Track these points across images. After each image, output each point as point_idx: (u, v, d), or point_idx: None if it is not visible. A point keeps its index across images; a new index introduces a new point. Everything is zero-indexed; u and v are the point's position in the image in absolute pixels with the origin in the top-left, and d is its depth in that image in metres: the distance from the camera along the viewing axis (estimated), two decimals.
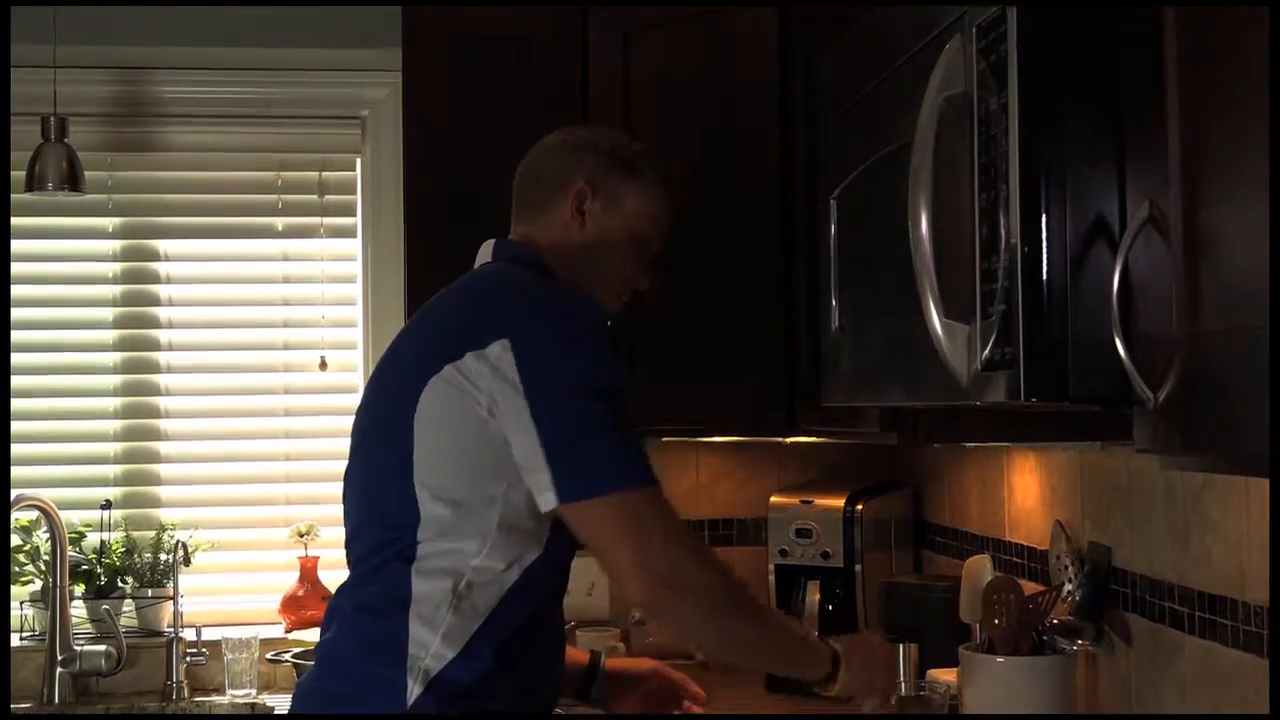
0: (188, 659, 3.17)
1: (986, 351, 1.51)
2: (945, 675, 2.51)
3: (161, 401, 3.40)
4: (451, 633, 1.85)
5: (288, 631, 3.26)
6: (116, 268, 3.40)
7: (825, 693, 2.03)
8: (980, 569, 2.54)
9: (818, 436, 2.86)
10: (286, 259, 3.44)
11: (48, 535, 3.17)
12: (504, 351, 1.82)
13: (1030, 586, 2.41)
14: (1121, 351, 1.34)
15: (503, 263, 2.06)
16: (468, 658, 1.85)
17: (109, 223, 3.40)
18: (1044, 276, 1.45)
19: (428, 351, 1.90)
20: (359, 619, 1.92)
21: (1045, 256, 1.45)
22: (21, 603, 3.24)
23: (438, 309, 2.00)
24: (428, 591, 1.85)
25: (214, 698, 3.16)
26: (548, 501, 1.82)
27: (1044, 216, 1.45)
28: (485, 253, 2.09)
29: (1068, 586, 2.32)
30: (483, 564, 1.86)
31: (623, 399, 1.86)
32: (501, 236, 2.11)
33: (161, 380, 3.40)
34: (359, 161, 3.43)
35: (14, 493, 3.07)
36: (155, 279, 3.41)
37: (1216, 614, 1.95)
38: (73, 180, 3.15)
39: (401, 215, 3.04)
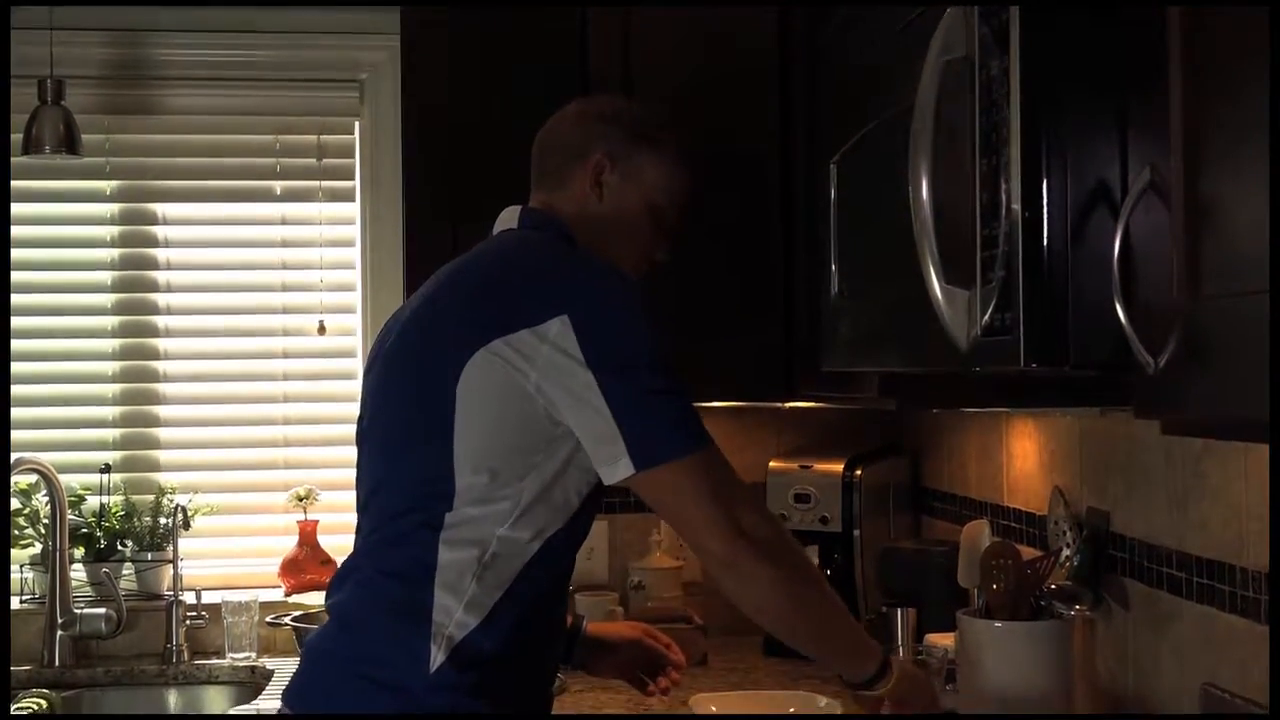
0: (187, 622, 3.18)
1: (986, 317, 1.50)
2: (943, 640, 2.52)
3: (160, 365, 3.40)
4: (474, 602, 1.85)
5: (287, 595, 3.27)
6: (114, 231, 3.39)
7: (869, 692, 1.99)
8: (978, 534, 2.54)
9: (817, 402, 2.86)
10: (285, 223, 3.43)
11: (47, 499, 3.17)
12: (564, 328, 1.82)
13: (1028, 551, 2.42)
14: (1122, 317, 1.33)
15: (533, 231, 2.05)
16: (489, 626, 1.85)
17: (106, 186, 3.38)
18: (1044, 242, 1.44)
19: (472, 321, 1.88)
20: (381, 582, 1.91)
21: (1046, 222, 1.44)
22: (21, 566, 3.25)
23: (473, 276, 1.98)
24: (453, 560, 1.86)
25: (214, 660, 3.17)
26: (620, 470, 1.83)
27: (1045, 182, 1.44)
28: (509, 219, 2.08)
29: (1066, 551, 2.32)
30: (509, 534, 1.86)
31: (674, 365, 1.88)
32: (523, 203, 2.09)
33: (160, 344, 3.40)
34: (357, 125, 3.42)
35: (13, 456, 3.07)
36: (153, 242, 3.41)
37: (1214, 579, 1.95)
38: (70, 143, 3.14)
39: (400, 179, 3.03)
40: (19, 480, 3.21)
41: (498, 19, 2.93)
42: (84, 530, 3.25)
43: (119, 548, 3.27)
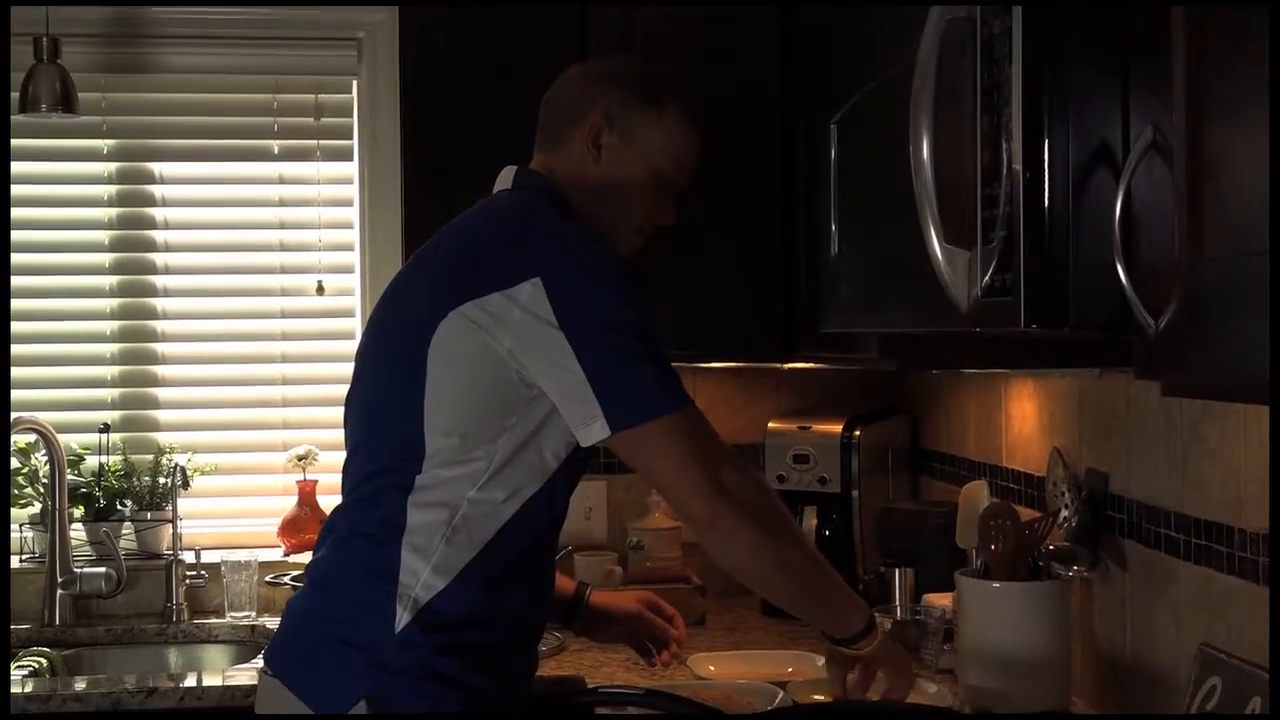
0: (187, 581, 3.19)
1: (987, 277, 1.50)
2: (941, 600, 2.53)
3: (158, 325, 3.39)
4: (443, 563, 1.86)
5: (287, 554, 3.27)
6: (111, 190, 3.38)
7: (852, 650, 2.01)
8: (977, 495, 2.55)
9: (816, 362, 2.86)
10: (282, 182, 3.42)
11: (46, 458, 3.17)
12: (536, 290, 1.82)
13: (1027, 512, 2.42)
14: (1123, 278, 1.33)
15: (521, 192, 2.04)
16: (457, 589, 1.86)
17: (103, 144, 3.37)
18: (1046, 202, 1.44)
19: (447, 284, 1.89)
20: (353, 543, 1.93)
21: (1047, 182, 1.44)
22: (21, 525, 3.25)
23: (457, 238, 1.98)
24: (423, 522, 1.87)
25: (213, 620, 3.18)
26: (596, 432, 1.83)
27: (1046, 141, 1.44)
28: (505, 179, 2.07)
29: (1064, 513, 2.33)
30: (480, 496, 1.87)
31: (653, 328, 1.87)
32: (522, 164, 2.08)
33: (158, 303, 3.39)
34: (355, 84, 3.40)
35: (12, 415, 3.07)
36: (150, 201, 3.39)
37: (1212, 540, 1.96)
38: (66, 102, 3.12)
39: (398, 138, 3.02)
40: (18, 439, 3.21)
41: None
42: (83, 490, 3.25)
43: (118, 507, 3.28)
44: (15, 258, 3.30)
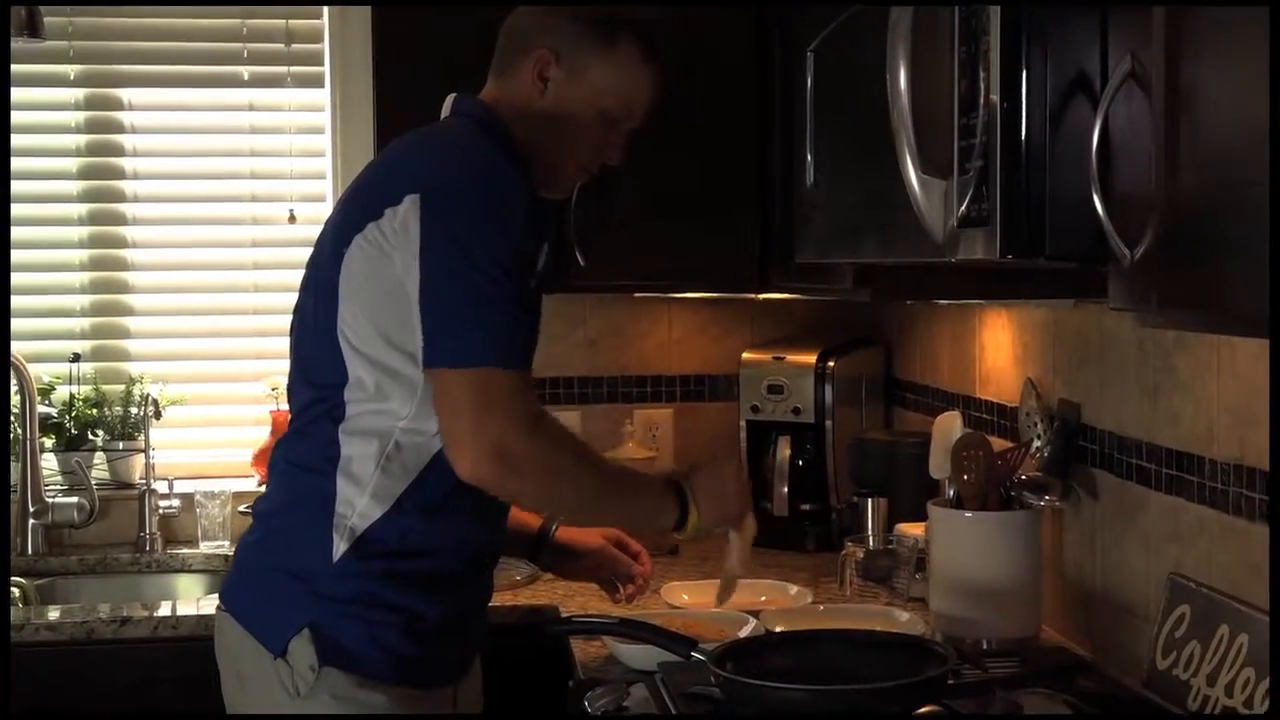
0: (160, 511, 3.18)
1: (963, 207, 1.50)
2: (913, 529, 2.55)
3: (128, 254, 3.36)
4: (379, 492, 1.87)
5: (260, 484, 3.27)
6: (79, 117, 3.34)
7: (683, 536, 2.04)
8: (950, 425, 2.55)
9: (790, 293, 2.86)
10: (253, 109, 3.38)
11: (16, 388, 3.15)
12: (412, 206, 1.81)
13: (999, 443, 2.43)
14: (1099, 208, 1.33)
15: (455, 119, 2.02)
16: (394, 517, 1.87)
17: (70, 70, 3.32)
18: (1023, 132, 1.44)
19: (352, 209, 1.90)
20: (292, 475, 1.95)
21: (1024, 112, 1.43)
22: None
23: (374, 164, 1.99)
24: (356, 451, 1.88)
25: (186, 550, 3.18)
26: (420, 359, 1.83)
27: (1024, 71, 1.43)
28: (446, 106, 2.06)
29: (1036, 443, 2.34)
30: (410, 425, 1.87)
31: (519, 274, 1.84)
32: (468, 91, 2.06)
33: (128, 232, 3.36)
34: (326, 9, 3.35)
35: None
36: (119, 129, 3.35)
37: (1183, 470, 1.97)
38: (32, 26, 3.07)
39: (370, 64, 2.99)
40: None
41: None
42: (54, 420, 3.23)
43: (90, 437, 3.26)
44: None
